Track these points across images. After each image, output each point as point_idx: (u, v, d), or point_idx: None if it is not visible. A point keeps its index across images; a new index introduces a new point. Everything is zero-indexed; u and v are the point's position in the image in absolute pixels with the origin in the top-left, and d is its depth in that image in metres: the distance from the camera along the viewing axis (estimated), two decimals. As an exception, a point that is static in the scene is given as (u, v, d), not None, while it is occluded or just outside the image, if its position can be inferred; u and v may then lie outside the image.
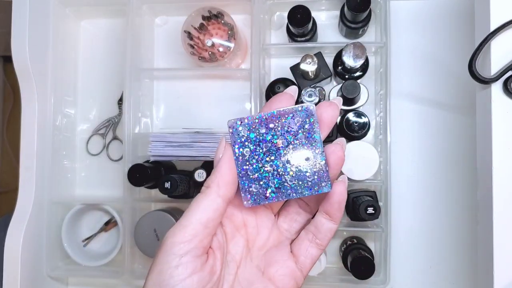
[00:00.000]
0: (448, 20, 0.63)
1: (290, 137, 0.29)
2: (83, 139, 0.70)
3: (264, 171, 0.29)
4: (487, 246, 0.41)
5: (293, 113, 0.29)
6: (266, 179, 0.29)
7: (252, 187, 0.30)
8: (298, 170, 0.29)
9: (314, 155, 0.29)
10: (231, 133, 0.29)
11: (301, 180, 0.29)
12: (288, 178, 0.29)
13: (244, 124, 0.29)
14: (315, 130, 0.29)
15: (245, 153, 0.29)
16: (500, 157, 0.40)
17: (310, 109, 0.29)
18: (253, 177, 0.29)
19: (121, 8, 0.63)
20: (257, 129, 0.29)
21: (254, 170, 0.29)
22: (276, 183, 0.29)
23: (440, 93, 0.63)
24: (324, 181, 0.29)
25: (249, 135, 0.29)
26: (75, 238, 0.67)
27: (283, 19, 0.65)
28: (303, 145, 0.29)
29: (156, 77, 0.68)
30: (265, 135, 0.29)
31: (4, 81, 1.41)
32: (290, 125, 0.29)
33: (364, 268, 0.54)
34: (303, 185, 0.29)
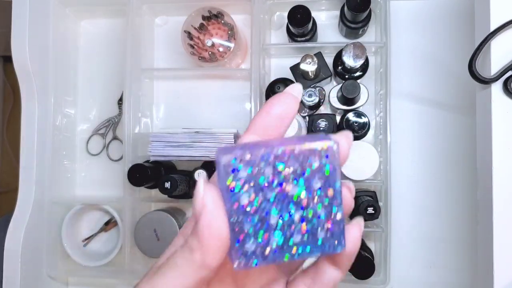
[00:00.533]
0: (448, 20, 0.63)
1: (304, 183, 0.22)
2: (83, 139, 0.70)
3: (266, 225, 0.22)
4: (487, 246, 0.41)
5: (311, 154, 0.22)
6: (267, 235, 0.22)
7: (247, 245, 0.22)
8: (310, 224, 0.22)
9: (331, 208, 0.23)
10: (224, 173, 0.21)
11: (311, 237, 0.23)
12: (295, 234, 0.22)
13: (244, 162, 0.21)
14: (336, 177, 0.22)
15: (242, 200, 0.22)
16: (500, 157, 0.40)
17: (333, 150, 0.22)
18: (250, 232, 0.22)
19: (121, 8, 0.63)
20: (261, 171, 0.22)
21: (252, 222, 0.22)
22: (279, 240, 0.22)
23: (440, 93, 0.63)
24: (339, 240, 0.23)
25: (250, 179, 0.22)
26: (75, 238, 0.67)
27: (283, 19, 0.65)
28: (319, 195, 0.22)
29: (156, 77, 0.68)
30: (271, 178, 0.22)
31: (4, 81, 1.41)
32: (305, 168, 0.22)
33: (364, 268, 0.54)
34: (313, 243, 0.23)
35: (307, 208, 0.22)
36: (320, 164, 0.22)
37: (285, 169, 0.22)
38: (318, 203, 0.22)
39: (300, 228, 0.22)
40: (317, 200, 0.22)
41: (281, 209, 0.22)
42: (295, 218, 0.22)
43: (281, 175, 0.22)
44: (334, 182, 0.22)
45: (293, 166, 0.22)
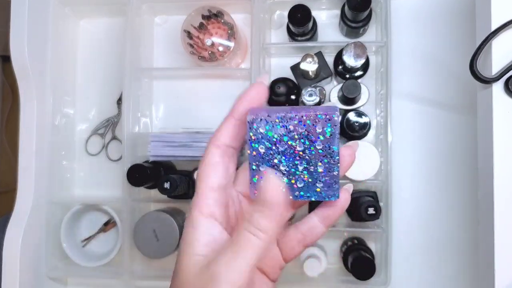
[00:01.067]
0: (449, 19, 0.63)
1: (308, 143, 0.28)
2: (82, 139, 0.69)
3: (277, 170, 0.29)
4: (488, 246, 0.41)
5: (316, 119, 0.28)
6: None
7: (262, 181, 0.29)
8: (311, 175, 0.29)
9: (329, 165, 0.29)
10: (248, 127, 0.29)
11: (311, 185, 0.29)
12: (299, 180, 0.29)
13: (263, 121, 0.28)
14: (334, 140, 0.28)
15: (260, 150, 0.29)
16: (501, 157, 0.40)
17: (335, 119, 0.28)
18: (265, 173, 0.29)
19: (121, 7, 0.63)
20: (276, 129, 0.28)
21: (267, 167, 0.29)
22: (286, 182, 0.29)
23: (441, 93, 0.63)
24: (334, 191, 0.29)
25: (267, 134, 0.29)
26: (74, 238, 0.67)
27: (283, 18, 0.65)
28: (319, 153, 0.28)
29: (156, 77, 0.68)
30: (283, 136, 0.28)
31: (3, 81, 1.40)
32: (311, 131, 0.28)
33: (364, 268, 0.54)
34: (313, 190, 0.29)
35: (310, 162, 0.29)
36: (322, 129, 0.28)
37: (294, 130, 0.28)
38: (319, 160, 0.29)
39: (303, 177, 0.29)
40: (318, 157, 0.29)
41: (289, 160, 0.29)
42: (299, 168, 0.29)
43: (291, 134, 0.28)
44: (333, 144, 0.28)
45: (301, 128, 0.28)
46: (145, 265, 0.64)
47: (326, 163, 0.29)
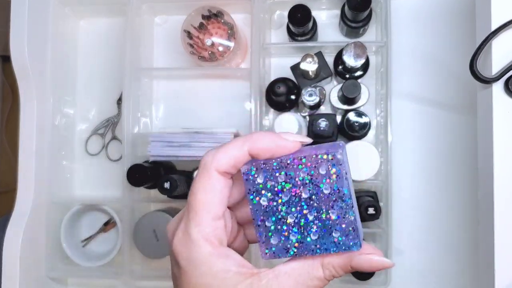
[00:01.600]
0: (449, 19, 0.63)
1: (314, 188, 0.25)
2: (82, 139, 0.69)
3: (285, 223, 0.26)
4: (488, 246, 0.41)
5: (317, 161, 0.25)
6: (287, 232, 0.26)
7: (271, 239, 0.27)
8: (323, 224, 0.26)
9: (341, 210, 0.25)
10: (245, 180, 0.26)
11: (327, 236, 0.26)
12: (311, 233, 0.26)
13: (259, 170, 0.26)
14: (343, 183, 0.25)
15: (262, 203, 0.26)
16: (501, 157, 0.40)
17: (338, 158, 0.25)
18: (272, 229, 0.27)
19: (121, 7, 0.63)
20: (275, 177, 0.26)
21: (273, 221, 0.26)
22: (298, 237, 0.26)
23: (441, 93, 0.63)
24: (354, 239, 0.26)
25: (266, 184, 0.26)
26: (74, 238, 0.67)
27: (283, 18, 0.65)
28: (328, 197, 0.25)
29: (156, 77, 0.68)
30: (284, 184, 0.26)
31: (3, 81, 1.40)
32: (314, 174, 0.25)
33: (364, 268, 0.54)
34: (329, 241, 0.26)
35: (320, 210, 0.26)
36: (327, 171, 0.25)
37: (296, 175, 0.25)
38: (329, 206, 0.25)
39: (314, 227, 0.26)
40: (328, 202, 0.25)
41: (296, 210, 0.26)
42: (309, 218, 0.26)
43: (293, 180, 0.26)
44: (342, 186, 0.25)
45: (303, 173, 0.25)
46: (145, 265, 0.64)
47: (339, 208, 0.25)
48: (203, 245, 0.26)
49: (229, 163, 0.26)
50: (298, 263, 0.27)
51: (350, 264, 0.27)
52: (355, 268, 0.27)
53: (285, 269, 0.27)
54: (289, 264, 0.27)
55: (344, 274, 0.27)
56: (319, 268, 0.27)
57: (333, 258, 0.26)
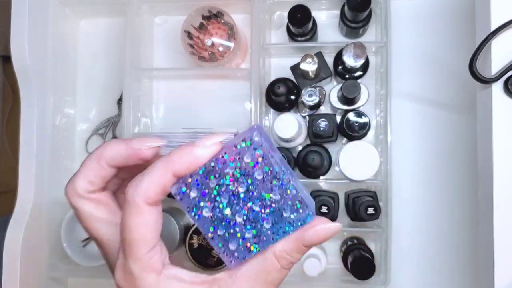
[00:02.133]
0: (448, 20, 0.63)
1: (247, 179, 0.25)
2: (83, 139, 0.69)
3: (235, 225, 0.25)
4: (487, 246, 0.41)
5: (238, 152, 0.24)
6: (241, 232, 0.25)
7: (230, 245, 0.26)
8: (271, 210, 0.25)
9: (281, 189, 0.25)
10: (179, 200, 0.25)
11: (279, 219, 0.25)
12: (264, 222, 0.25)
13: (189, 185, 0.25)
14: (271, 161, 0.24)
15: (205, 214, 0.25)
16: (500, 157, 0.40)
17: (256, 140, 0.24)
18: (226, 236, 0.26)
19: (121, 7, 0.63)
20: (206, 185, 0.25)
21: (223, 227, 0.25)
22: (253, 232, 0.25)
23: (441, 93, 0.63)
24: (304, 211, 0.25)
25: (201, 195, 0.25)
26: (74, 238, 0.67)
27: (283, 18, 0.65)
28: (264, 182, 0.25)
29: (156, 77, 0.68)
30: (218, 187, 0.25)
31: (4, 81, 1.41)
32: (241, 166, 0.24)
33: (364, 268, 0.54)
34: (284, 223, 0.25)
35: (262, 197, 0.25)
36: (252, 157, 0.24)
37: (224, 174, 0.25)
38: (269, 189, 0.25)
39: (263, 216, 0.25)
40: (266, 186, 0.25)
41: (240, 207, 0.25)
42: (256, 210, 0.25)
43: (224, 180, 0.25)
44: (271, 165, 0.24)
45: (230, 168, 0.24)
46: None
47: (278, 188, 0.25)
48: (147, 277, 0.25)
49: (157, 192, 0.25)
50: (252, 262, 0.26)
51: (302, 244, 0.26)
52: (309, 246, 0.26)
53: (241, 271, 0.26)
54: (244, 265, 0.26)
55: (301, 256, 0.27)
56: (273, 260, 0.26)
57: (283, 244, 0.26)
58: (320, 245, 0.62)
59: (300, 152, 0.59)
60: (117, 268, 0.27)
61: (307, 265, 0.56)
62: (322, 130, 0.58)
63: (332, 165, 0.61)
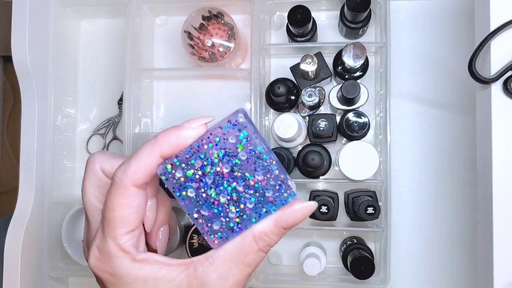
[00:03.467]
0: (448, 20, 0.63)
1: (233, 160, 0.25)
2: (83, 139, 0.70)
3: (219, 205, 0.26)
4: (487, 246, 0.41)
5: (223, 133, 0.25)
6: (225, 212, 0.26)
7: (213, 226, 0.26)
8: (255, 190, 0.26)
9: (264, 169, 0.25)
10: (165, 181, 0.26)
11: (261, 199, 0.26)
12: (247, 202, 0.26)
13: (175, 165, 0.25)
14: (255, 142, 0.25)
15: (190, 194, 0.26)
16: (500, 157, 0.40)
17: (241, 121, 0.25)
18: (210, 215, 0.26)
19: (121, 8, 0.63)
20: (191, 165, 0.25)
21: (207, 208, 0.26)
22: (236, 212, 0.26)
23: (440, 93, 0.63)
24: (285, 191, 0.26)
25: (186, 174, 0.25)
26: (75, 238, 0.67)
27: (283, 19, 0.65)
28: (248, 162, 0.25)
29: (156, 77, 0.68)
30: (203, 167, 0.25)
31: (4, 81, 1.41)
32: (226, 146, 0.25)
33: (364, 268, 0.54)
34: (266, 203, 0.26)
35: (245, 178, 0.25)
36: (236, 138, 0.25)
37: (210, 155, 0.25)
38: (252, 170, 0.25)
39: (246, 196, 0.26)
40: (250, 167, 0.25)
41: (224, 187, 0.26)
42: (239, 190, 0.26)
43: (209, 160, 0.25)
44: (256, 146, 0.25)
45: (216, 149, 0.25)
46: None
47: (261, 168, 0.25)
48: (123, 257, 0.26)
49: (145, 173, 0.25)
50: (230, 243, 0.27)
51: (281, 225, 0.26)
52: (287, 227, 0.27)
53: (218, 253, 0.27)
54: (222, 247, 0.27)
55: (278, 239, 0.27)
56: (252, 242, 0.26)
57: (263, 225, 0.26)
58: (320, 244, 0.62)
59: (300, 152, 0.59)
60: (92, 249, 0.27)
61: (306, 264, 0.56)
62: (322, 130, 0.58)
63: (331, 165, 0.61)
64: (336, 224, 0.61)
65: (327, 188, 0.62)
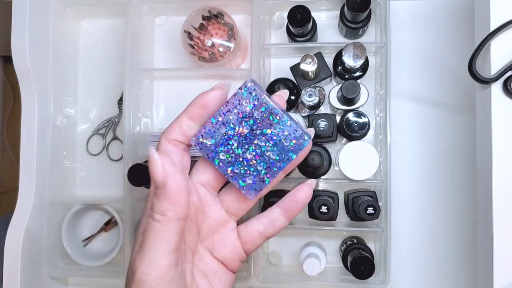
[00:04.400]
0: (448, 20, 0.63)
1: (250, 121, 0.30)
2: (83, 139, 0.70)
3: (247, 161, 0.31)
4: (487, 246, 0.41)
5: (238, 100, 0.30)
6: (254, 167, 0.31)
7: (247, 180, 0.31)
8: (274, 142, 0.30)
9: (279, 123, 0.30)
10: (199, 149, 0.31)
11: (282, 148, 0.30)
12: (270, 154, 0.30)
13: (204, 135, 0.30)
14: (265, 101, 0.30)
15: (222, 157, 0.30)
16: (500, 157, 0.41)
17: (249, 86, 0.30)
18: (242, 173, 0.31)
19: (121, 8, 0.63)
20: (217, 132, 0.30)
21: (239, 166, 0.31)
22: (263, 165, 0.31)
23: (440, 93, 0.63)
24: (301, 137, 0.30)
25: (214, 141, 0.30)
26: (75, 238, 0.67)
27: (283, 19, 0.65)
28: (264, 120, 0.30)
29: (156, 77, 0.68)
30: (227, 132, 0.30)
31: (4, 81, 1.41)
32: (242, 111, 0.30)
33: (364, 268, 0.54)
34: (287, 151, 0.30)
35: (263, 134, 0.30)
36: (249, 101, 0.30)
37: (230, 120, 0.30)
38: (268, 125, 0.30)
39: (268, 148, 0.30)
40: (265, 124, 0.30)
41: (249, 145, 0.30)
42: (262, 144, 0.30)
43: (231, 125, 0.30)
44: (266, 104, 0.30)
45: (234, 115, 0.30)
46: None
47: (275, 122, 0.30)
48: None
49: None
50: None
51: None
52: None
53: None
54: None
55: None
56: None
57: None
58: (320, 244, 0.62)
59: (300, 152, 0.59)
60: None
61: (306, 264, 0.56)
62: (322, 130, 0.58)
63: (331, 165, 0.61)
64: (336, 224, 0.61)
65: (327, 188, 0.62)
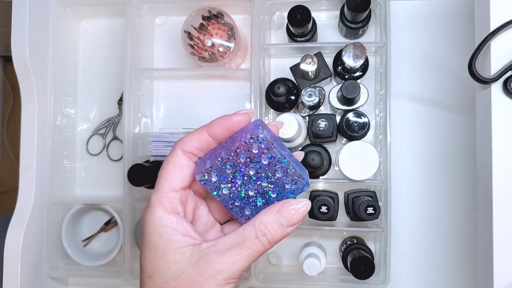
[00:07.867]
0: (448, 20, 0.63)
1: (256, 164, 0.32)
2: (83, 139, 0.70)
3: (248, 197, 0.33)
4: (487, 246, 0.41)
5: (247, 145, 0.31)
6: (253, 202, 0.33)
7: (245, 212, 0.33)
8: (276, 184, 0.33)
9: (282, 167, 0.32)
10: (204, 185, 0.32)
11: (282, 190, 0.33)
12: (271, 193, 0.33)
13: (210, 173, 0.32)
14: (272, 149, 0.31)
15: (225, 192, 0.33)
16: (500, 157, 0.41)
17: (261, 137, 0.31)
18: (242, 206, 0.33)
19: (121, 8, 0.63)
20: (224, 171, 0.32)
21: (240, 200, 0.33)
22: (261, 199, 0.33)
23: (440, 93, 0.63)
24: (301, 183, 0.33)
25: (220, 179, 0.32)
26: (75, 238, 0.67)
27: (283, 19, 0.65)
28: (270, 165, 0.32)
29: (156, 77, 0.68)
30: (233, 172, 0.32)
31: (4, 81, 1.41)
32: (250, 155, 0.31)
33: (364, 268, 0.54)
34: (286, 193, 0.33)
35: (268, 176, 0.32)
36: (258, 148, 0.31)
37: (238, 162, 0.32)
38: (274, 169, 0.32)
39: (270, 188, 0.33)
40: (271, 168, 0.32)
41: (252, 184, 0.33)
42: (263, 185, 0.33)
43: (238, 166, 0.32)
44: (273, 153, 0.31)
45: (242, 158, 0.32)
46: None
47: (280, 169, 0.32)
48: (156, 208, 0.31)
49: (192, 144, 0.32)
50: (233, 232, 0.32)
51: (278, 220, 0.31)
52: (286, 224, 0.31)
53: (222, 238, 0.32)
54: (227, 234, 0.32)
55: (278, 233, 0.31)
56: (251, 230, 0.31)
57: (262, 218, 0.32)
58: (320, 244, 0.62)
59: (300, 152, 0.59)
60: None
61: (306, 265, 0.56)
62: (322, 130, 0.58)
63: (332, 165, 0.61)
64: (336, 224, 0.61)
65: (327, 188, 0.62)
